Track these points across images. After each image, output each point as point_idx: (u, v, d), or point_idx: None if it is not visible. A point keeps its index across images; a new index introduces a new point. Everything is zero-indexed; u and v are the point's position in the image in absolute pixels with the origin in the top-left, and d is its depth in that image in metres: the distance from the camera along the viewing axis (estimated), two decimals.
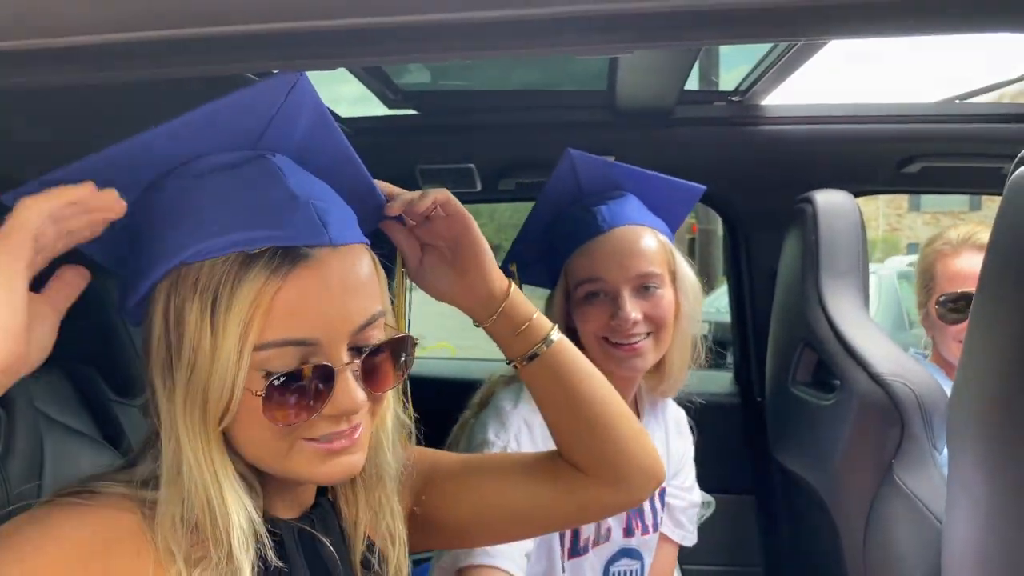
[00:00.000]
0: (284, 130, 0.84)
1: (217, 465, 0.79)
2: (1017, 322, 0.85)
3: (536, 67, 2.16)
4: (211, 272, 0.78)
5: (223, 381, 0.77)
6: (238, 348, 0.76)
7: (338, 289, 0.81)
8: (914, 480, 1.52)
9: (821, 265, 1.80)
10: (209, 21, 0.58)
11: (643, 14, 0.56)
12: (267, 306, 0.77)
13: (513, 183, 2.31)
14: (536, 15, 0.55)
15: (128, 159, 0.78)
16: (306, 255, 0.79)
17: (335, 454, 0.83)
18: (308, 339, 0.79)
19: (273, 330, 0.77)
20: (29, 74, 0.65)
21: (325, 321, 0.80)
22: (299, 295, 0.78)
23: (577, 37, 0.56)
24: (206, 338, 0.77)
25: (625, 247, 1.46)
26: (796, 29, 0.58)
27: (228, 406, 0.78)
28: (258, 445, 0.82)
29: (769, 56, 1.84)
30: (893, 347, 1.66)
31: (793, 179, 2.09)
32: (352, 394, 0.81)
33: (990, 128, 2.04)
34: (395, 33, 0.60)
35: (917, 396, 1.53)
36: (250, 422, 0.80)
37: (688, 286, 1.51)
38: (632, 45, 0.61)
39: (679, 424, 1.76)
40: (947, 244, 1.93)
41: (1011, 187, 0.89)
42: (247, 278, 0.77)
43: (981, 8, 0.56)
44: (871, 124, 2.12)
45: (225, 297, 0.77)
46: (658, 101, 2.01)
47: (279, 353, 0.78)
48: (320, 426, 0.82)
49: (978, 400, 0.91)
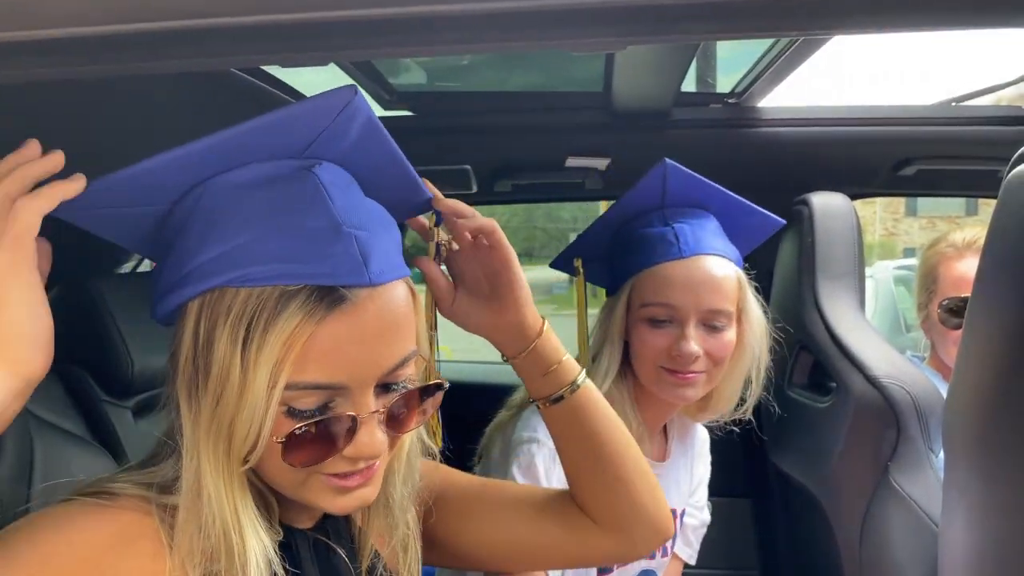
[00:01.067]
0: (333, 143, 0.83)
1: (238, 500, 0.78)
2: (1012, 324, 0.84)
3: (532, 69, 2.16)
4: (246, 302, 0.76)
5: (250, 421, 0.76)
6: (267, 387, 0.75)
7: (373, 334, 0.78)
8: (910, 483, 1.52)
9: (817, 267, 1.80)
10: (198, 14, 0.57)
11: (637, 7, 0.55)
12: (300, 348, 0.75)
13: (509, 185, 2.30)
14: (527, 7, 0.54)
15: (167, 173, 0.77)
16: (343, 298, 0.76)
17: (350, 489, 0.83)
18: (336, 384, 0.77)
19: (302, 372, 0.76)
20: (13, 67, 0.64)
21: (356, 367, 0.78)
22: (333, 341, 0.76)
23: (569, 31, 0.56)
24: (235, 371, 0.75)
25: (703, 278, 1.39)
26: (795, 23, 0.58)
27: (254, 446, 0.77)
28: (275, 474, 0.81)
29: (765, 58, 1.83)
30: (889, 349, 1.65)
31: (789, 181, 2.08)
32: (374, 441, 0.80)
33: (986, 131, 2.04)
34: (384, 26, 0.59)
35: (913, 398, 1.53)
36: (268, 455, 0.78)
37: (755, 323, 1.46)
38: (625, 40, 0.60)
39: (704, 445, 1.73)
40: (951, 247, 1.92)
41: (1006, 190, 0.88)
42: (282, 316, 0.75)
43: (985, 3, 0.55)
44: (867, 126, 2.11)
45: (259, 332, 0.75)
46: (654, 103, 2.00)
47: (305, 394, 0.77)
48: (338, 465, 0.81)
49: (973, 402, 0.90)
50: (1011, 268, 0.86)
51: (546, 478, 1.36)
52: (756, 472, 2.35)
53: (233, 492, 0.78)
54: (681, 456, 1.65)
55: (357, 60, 1.76)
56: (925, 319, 1.97)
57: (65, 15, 0.56)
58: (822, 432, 1.71)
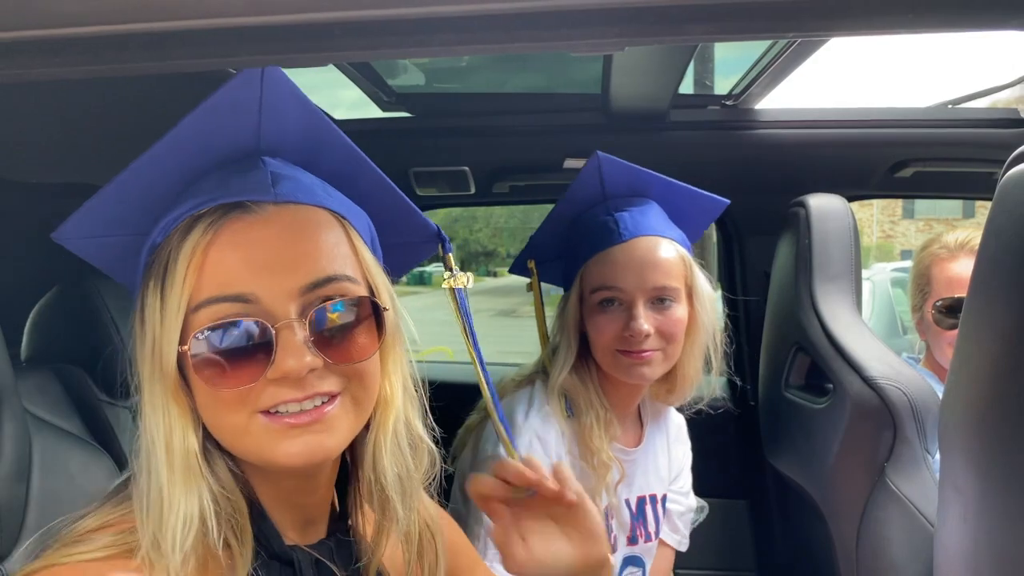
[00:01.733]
0: (277, 126, 0.82)
1: (175, 434, 0.76)
2: (1007, 325, 0.85)
3: (530, 71, 2.16)
4: (164, 247, 0.78)
5: (170, 341, 0.75)
6: (178, 306, 0.75)
7: (279, 242, 0.76)
8: (907, 483, 1.52)
9: (814, 268, 1.81)
10: (196, 14, 0.58)
11: (635, 8, 0.56)
12: (199, 261, 0.75)
13: (507, 186, 2.31)
14: (525, 9, 0.55)
15: (136, 185, 0.80)
16: (244, 207, 0.77)
17: (295, 430, 0.76)
18: (243, 294, 0.75)
19: (207, 287, 0.75)
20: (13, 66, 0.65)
21: (262, 274, 0.75)
22: (232, 247, 0.75)
23: (567, 32, 0.56)
24: (156, 309, 0.77)
25: (644, 258, 1.45)
26: (793, 25, 0.58)
27: (173, 365, 0.76)
28: (217, 421, 0.78)
29: (763, 60, 1.84)
30: (886, 351, 1.66)
31: (786, 183, 2.09)
32: (296, 356, 0.74)
33: (982, 133, 2.05)
34: (382, 28, 0.59)
35: (910, 399, 1.53)
36: (203, 394, 0.77)
37: (705, 299, 1.51)
38: (623, 41, 0.61)
39: (680, 431, 1.78)
40: (944, 248, 1.93)
41: (1000, 192, 0.89)
42: (187, 239, 0.76)
43: (981, 5, 0.55)
44: (864, 128, 2.12)
45: (170, 263, 0.76)
46: (652, 104, 2.01)
47: (214, 311, 0.75)
48: (270, 393, 0.76)
49: (969, 402, 0.90)
50: (1006, 269, 0.87)
51: None
52: (753, 473, 2.36)
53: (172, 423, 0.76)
54: (656, 441, 1.68)
55: (356, 61, 1.77)
56: (920, 320, 1.98)
57: (65, 15, 0.56)
58: (819, 433, 1.71)
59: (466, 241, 32.79)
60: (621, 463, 1.52)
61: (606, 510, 1.51)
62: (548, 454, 1.43)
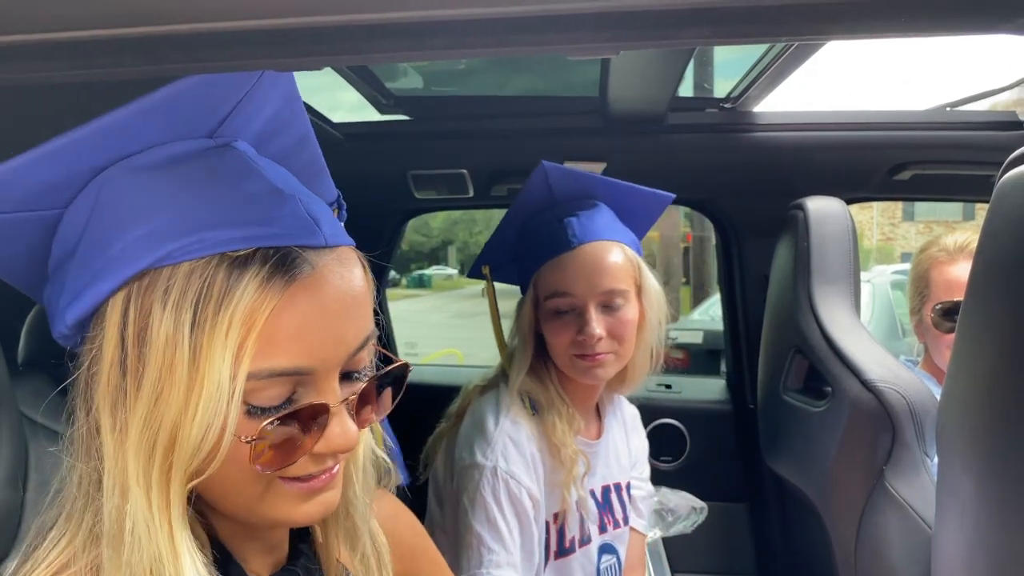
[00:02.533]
0: (247, 117, 0.72)
1: (175, 529, 0.64)
2: (1004, 329, 0.85)
3: (529, 74, 2.17)
4: (188, 279, 0.63)
5: (206, 424, 0.62)
6: (229, 378, 0.62)
7: (337, 308, 0.68)
8: (906, 487, 1.52)
9: (813, 271, 1.81)
10: (194, 18, 0.58)
11: (630, 13, 0.56)
12: (262, 327, 0.63)
13: (505, 189, 2.31)
14: (520, 13, 0.54)
15: (67, 156, 0.66)
16: (304, 262, 0.66)
17: (315, 492, 0.73)
18: (304, 369, 0.66)
19: (267, 357, 0.64)
20: (11, 71, 0.65)
21: (322, 348, 0.67)
22: (298, 316, 0.65)
23: (562, 36, 0.56)
24: (182, 364, 0.62)
25: (593, 264, 1.49)
26: (787, 28, 0.58)
27: (212, 452, 0.64)
28: (230, 490, 0.69)
29: (761, 63, 1.84)
30: (884, 354, 1.66)
31: (785, 186, 2.09)
32: (347, 433, 0.70)
33: (981, 136, 2.05)
34: (378, 31, 0.59)
35: (909, 403, 1.53)
36: (225, 463, 0.66)
37: (653, 297, 1.55)
38: (618, 45, 0.61)
39: (635, 420, 1.83)
40: (943, 251, 1.93)
41: (997, 195, 0.89)
42: (237, 289, 0.63)
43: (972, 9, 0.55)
44: (862, 131, 2.12)
45: (210, 312, 0.63)
46: (650, 107, 2.01)
47: (268, 384, 0.65)
48: (305, 466, 0.71)
49: (966, 406, 0.90)
50: (1004, 272, 0.87)
51: (495, 502, 1.43)
52: (752, 476, 2.36)
53: (169, 516, 0.64)
54: (615, 431, 1.73)
55: (352, 65, 1.77)
56: (918, 323, 1.97)
57: (60, 20, 0.56)
58: (817, 436, 1.71)
59: (466, 244, 32.81)
60: (586, 455, 1.56)
61: (576, 503, 1.55)
62: (523, 455, 1.47)
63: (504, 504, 1.43)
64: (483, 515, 1.43)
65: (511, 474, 1.44)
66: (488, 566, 1.39)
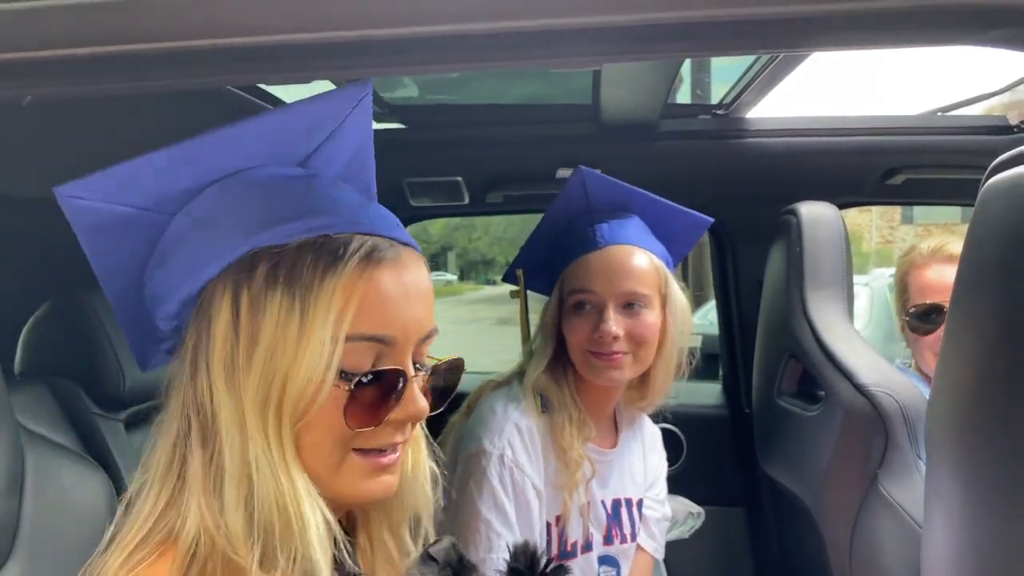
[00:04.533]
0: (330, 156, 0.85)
1: (291, 462, 0.76)
2: (989, 333, 0.86)
3: (522, 81, 2.18)
4: (297, 255, 0.76)
5: (310, 371, 0.74)
6: (332, 337, 0.74)
7: (414, 292, 0.81)
8: (899, 490, 1.53)
9: (806, 276, 1.82)
10: (190, 35, 0.59)
11: (612, 28, 0.57)
12: (360, 296, 0.76)
13: (500, 196, 2.32)
14: (503, 29, 0.56)
15: (182, 160, 0.77)
16: (390, 248, 0.80)
17: (381, 471, 0.82)
18: (388, 337, 0.78)
19: (360, 323, 0.76)
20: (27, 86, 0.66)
21: (403, 321, 0.79)
22: (385, 291, 0.78)
23: (545, 51, 0.57)
24: (292, 326, 0.74)
25: (618, 265, 1.51)
26: (768, 42, 0.59)
27: (314, 398, 0.75)
28: (315, 453, 0.78)
29: (752, 69, 1.85)
30: (877, 357, 1.66)
31: (778, 191, 2.10)
32: (419, 401, 0.81)
33: (972, 140, 2.06)
34: (371, 47, 0.61)
35: (901, 406, 1.54)
36: (315, 424, 0.77)
37: (678, 310, 1.56)
38: (601, 59, 0.62)
39: (654, 440, 1.83)
40: (918, 255, 1.96)
41: (981, 200, 0.89)
42: (338, 264, 0.76)
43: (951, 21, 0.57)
44: (855, 136, 2.13)
45: (316, 283, 0.75)
46: (642, 114, 2.02)
47: (359, 348, 0.77)
48: (382, 435, 0.81)
49: (951, 409, 0.91)
50: (988, 277, 0.88)
51: (502, 488, 1.45)
52: (749, 481, 2.36)
53: (285, 454, 0.75)
54: (631, 446, 1.73)
55: (341, 78, 1.78)
56: (903, 328, 1.99)
57: (67, 38, 0.57)
58: (811, 440, 1.72)
59: (465, 249, 32.80)
60: (593, 462, 1.57)
61: (580, 508, 1.56)
62: (528, 446, 1.49)
63: (510, 491, 1.45)
64: (491, 500, 1.44)
65: (517, 463, 1.46)
66: (498, 550, 1.40)
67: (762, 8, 0.51)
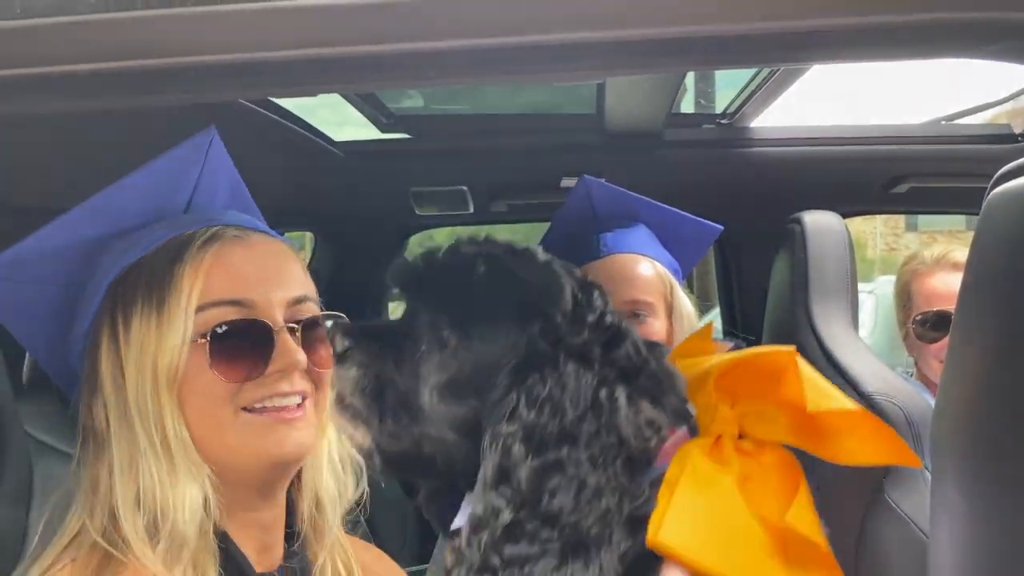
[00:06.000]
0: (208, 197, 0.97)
1: (168, 427, 0.84)
2: (994, 343, 0.86)
3: (526, 91, 2.19)
4: (152, 263, 0.88)
5: (172, 341, 0.84)
6: (185, 309, 0.85)
7: (270, 261, 0.92)
8: (905, 499, 1.52)
9: (810, 285, 1.81)
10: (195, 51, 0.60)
11: (614, 42, 0.57)
12: (205, 271, 0.87)
13: (505, 205, 2.33)
14: (509, 44, 0.56)
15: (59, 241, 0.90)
16: (240, 232, 0.91)
17: (281, 426, 0.88)
18: (245, 300, 0.88)
19: (213, 292, 0.87)
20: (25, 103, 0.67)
21: (260, 285, 0.89)
22: (235, 260, 0.89)
23: (548, 66, 0.58)
24: (153, 316, 0.85)
25: (621, 273, 1.51)
26: (762, 57, 0.60)
27: (179, 361, 0.84)
28: (203, 416, 0.87)
29: (756, 79, 1.86)
30: (881, 366, 1.66)
31: (782, 200, 2.10)
32: (293, 351, 0.88)
33: (976, 149, 2.06)
34: (379, 62, 0.61)
35: (906, 414, 1.53)
36: (195, 387, 0.85)
37: (684, 319, 1.56)
38: (605, 72, 0.63)
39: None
40: (922, 264, 1.95)
41: (986, 209, 0.89)
42: (184, 252, 0.87)
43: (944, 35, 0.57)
44: (859, 145, 2.13)
45: (167, 274, 0.86)
46: (646, 124, 2.03)
47: (218, 312, 0.87)
48: (265, 386, 0.87)
49: (957, 420, 0.91)
50: (992, 287, 0.88)
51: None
52: None
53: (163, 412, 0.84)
54: None
55: (348, 92, 1.80)
56: (906, 336, 1.99)
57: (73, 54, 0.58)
58: None
59: None
60: None
61: None
62: None
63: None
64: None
65: None
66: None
67: (763, 24, 0.52)
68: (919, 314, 1.90)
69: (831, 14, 0.54)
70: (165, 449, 0.85)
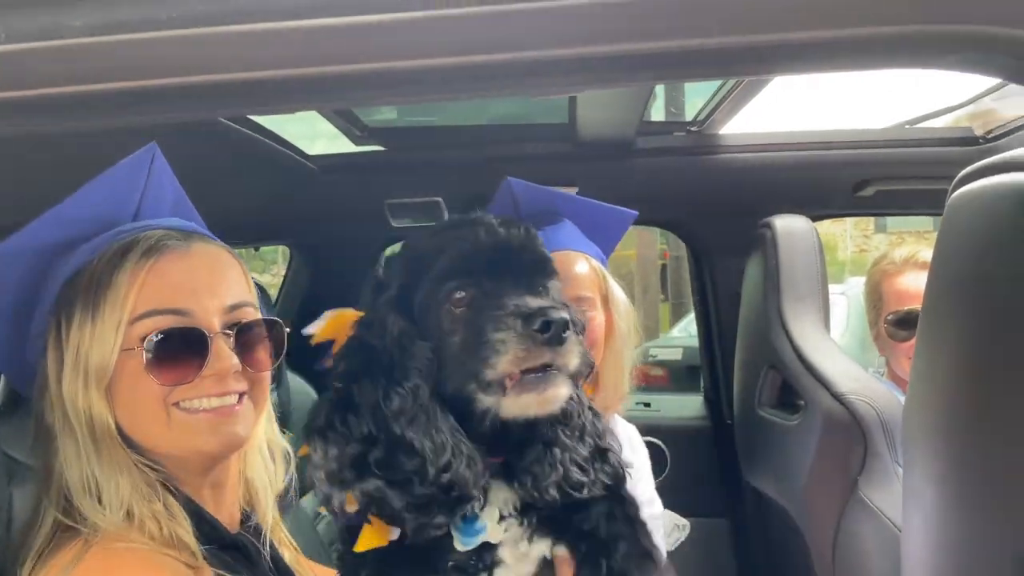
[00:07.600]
0: (154, 206, 1.01)
1: (97, 422, 0.90)
2: (959, 344, 0.88)
3: (499, 102, 2.20)
4: (96, 268, 0.92)
5: (104, 346, 0.90)
6: (118, 319, 0.90)
7: (205, 270, 0.97)
8: (879, 496, 1.55)
9: (782, 288, 1.84)
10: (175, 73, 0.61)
11: (584, 58, 0.59)
12: (141, 282, 0.91)
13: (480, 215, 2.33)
14: (484, 62, 0.58)
15: (17, 251, 0.95)
16: (172, 240, 0.95)
17: (213, 423, 0.94)
18: (181, 309, 0.93)
19: (149, 302, 0.92)
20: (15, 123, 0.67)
21: (195, 294, 0.94)
22: (172, 272, 0.93)
23: (520, 81, 0.59)
24: (89, 319, 0.90)
25: (560, 274, 1.50)
26: (737, 68, 0.62)
27: (110, 366, 0.90)
28: (137, 413, 0.93)
29: (724, 87, 1.89)
30: (854, 366, 1.69)
31: (753, 205, 2.13)
32: (227, 356, 0.93)
33: (939, 151, 2.11)
34: (358, 81, 0.62)
35: (879, 413, 1.56)
36: (129, 389, 0.91)
37: (620, 306, 1.58)
38: (576, 87, 0.65)
39: (631, 440, 1.82)
40: (891, 263, 1.99)
41: (948, 212, 0.92)
42: (124, 260, 0.92)
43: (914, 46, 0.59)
44: (826, 150, 2.17)
45: (105, 283, 0.91)
46: (618, 133, 2.05)
47: (153, 321, 0.92)
48: (200, 388, 0.93)
49: (926, 417, 0.94)
50: (957, 288, 0.90)
51: None
52: (732, 492, 2.38)
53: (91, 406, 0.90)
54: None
55: (324, 109, 1.80)
56: (877, 336, 2.02)
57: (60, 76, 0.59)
58: (792, 449, 1.74)
59: None
60: None
61: None
62: None
63: None
64: None
65: None
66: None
67: (728, 38, 0.54)
68: (890, 313, 1.93)
69: (795, 28, 0.56)
70: (95, 442, 0.91)
